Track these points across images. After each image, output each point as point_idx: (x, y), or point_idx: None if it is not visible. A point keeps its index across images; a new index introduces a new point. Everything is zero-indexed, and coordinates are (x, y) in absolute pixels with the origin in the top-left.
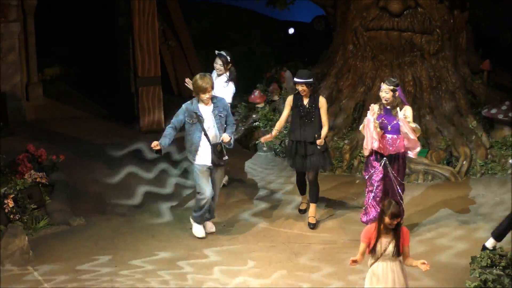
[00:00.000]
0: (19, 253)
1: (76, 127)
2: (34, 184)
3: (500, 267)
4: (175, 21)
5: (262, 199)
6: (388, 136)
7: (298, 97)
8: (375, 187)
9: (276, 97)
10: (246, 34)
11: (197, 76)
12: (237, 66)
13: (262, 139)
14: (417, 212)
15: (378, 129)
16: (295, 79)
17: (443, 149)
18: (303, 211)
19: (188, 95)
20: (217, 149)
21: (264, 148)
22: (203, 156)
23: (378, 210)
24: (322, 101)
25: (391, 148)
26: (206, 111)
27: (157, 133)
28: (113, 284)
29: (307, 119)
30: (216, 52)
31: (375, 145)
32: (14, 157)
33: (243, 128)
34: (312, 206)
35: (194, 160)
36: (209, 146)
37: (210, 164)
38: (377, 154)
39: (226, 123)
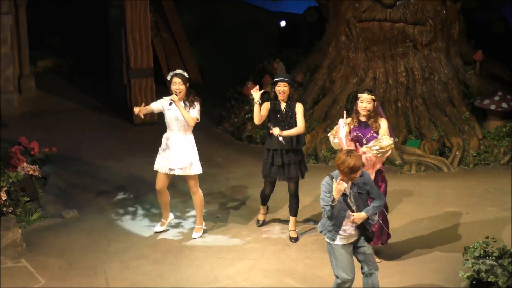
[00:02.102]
0: (12, 246)
1: (68, 119)
2: (27, 176)
3: (493, 257)
4: (168, 13)
5: (255, 190)
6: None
7: (275, 103)
8: None
9: (269, 89)
10: (238, 26)
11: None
12: (230, 58)
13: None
14: (410, 202)
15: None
16: (276, 79)
17: (436, 140)
18: (261, 223)
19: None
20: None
21: (257, 140)
22: (346, 235)
23: None
24: (299, 106)
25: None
26: (347, 188)
27: (150, 125)
28: (107, 276)
29: (285, 125)
30: (171, 73)
31: (364, 149)
32: (6, 150)
33: (236, 120)
34: (292, 219)
35: (334, 240)
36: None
37: (353, 240)
38: None
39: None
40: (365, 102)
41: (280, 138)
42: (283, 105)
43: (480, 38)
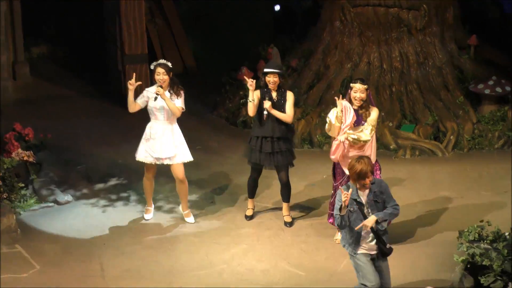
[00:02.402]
0: (7, 232)
1: (63, 106)
2: (21, 162)
3: (488, 241)
4: None
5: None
6: None
7: (265, 91)
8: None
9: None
10: (233, 11)
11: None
12: (224, 43)
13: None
14: (404, 187)
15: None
16: (266, 70)
17: (430, 124)
18: (250, 218)
19: (175, 72)
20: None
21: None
22: (367, 246)
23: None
24: (290, 95)
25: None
26: (363, 196)
27: (144, 111)
28: (101, 261)
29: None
30: (154, 63)
31: (342, 138)
32: (1, 136)
33: (230, 105)
34: (285, 205)
35: (355, 252)
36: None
37: (374, 253)
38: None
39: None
40: (358, 92)
41: (265, 112)
42: (274, 94)
43: (474, 23)
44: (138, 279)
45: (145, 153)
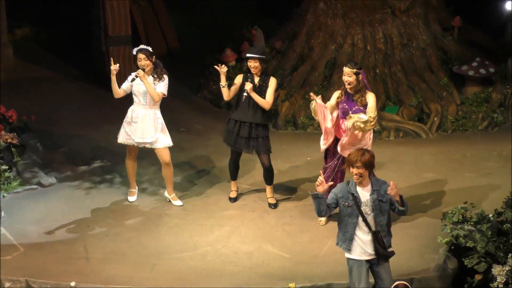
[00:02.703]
0: None
1: (47, 88)
2: (5, 145)
3: (472, 223)
4: None
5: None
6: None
7: (248, 76)
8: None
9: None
10: None
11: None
12: (208, 25)
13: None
14: (388, 168)
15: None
16: (248, 55)
17: (414, 106)
18: (234, 200)
19: (159, 54)
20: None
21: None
22: (363, 248)
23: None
24: (272, 81)
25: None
26: (364, 194)
27: (129, 93)
28: (86, 244)
29: (253, 99)
30: (135, 49)
31: (329, 124)
32: None
33: (214, 87)
34: (269, 188)
35: (349, 250)
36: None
37: (369, 257)
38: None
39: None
40: (346, 75)
41: (245, 94)
42: (256, 79)
43: (458, 4)
44: (122, 261)
45: (127, 135)
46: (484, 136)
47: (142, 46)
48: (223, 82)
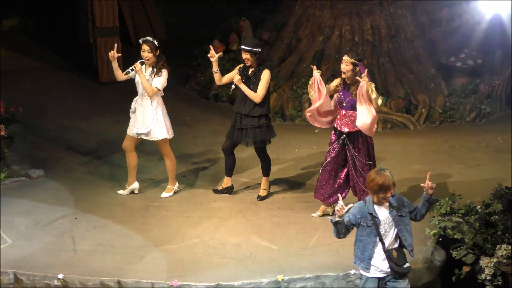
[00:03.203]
0: None
1: (34, 79)
2: None
3: (459, 214)
4: None
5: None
6: (343, 112)
7: (243, 68)
8: (323, 166)
9: (234, 47)
10: None
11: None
12: (196, 16)
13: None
14: (376, 160)
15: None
16: (241, 46)
17: (402, 97)
18: (216, 191)
19: None
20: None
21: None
22: (379, 266)
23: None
24: (265, 74)
25: (348, 124)
26: (382, 212)
27: (116, 84)
28: (73, 235)
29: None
30: (141, 40)
31: (317, 103)
32: None
33: (202, 78)
34: (264, 179)
35: (368, 271)
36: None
37: (384, 275)
38: (336, 131)
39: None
40: (343, 63)
41: (233, 86)
42: (250, 71)
43: None
44: (110, 253)
45: (130, 125)
46: (472, 128)
47: (148, 38)
48: (214, 67)
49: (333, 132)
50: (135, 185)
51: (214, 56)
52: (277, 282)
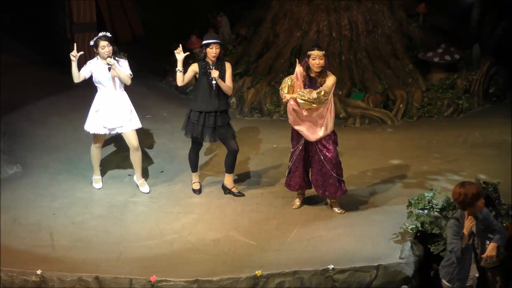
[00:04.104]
0: None
1: (11, 75)
2: None
3: (437, 209)
4: None
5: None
6: None
7: (204, 65)
8: (291, 163)
9: (197, 50)
10: None
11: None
12: (174, 11)
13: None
14: (354, 155)
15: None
16: (208, 41)
17: (380, 93)
18: (199, 191)
19: (124, 41)
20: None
21: None
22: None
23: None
24: (229, 66)
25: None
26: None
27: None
28: (51, 231)
29: (217, 86)
30: (95, 38)
31: (288, 96)
32: None
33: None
34: (230, 176)
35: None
36: None
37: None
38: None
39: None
40: (317, 58)
41: (214, 82)
42: (212, 65)
43: None
44: (88, 249)
45: (97, 124)
46: (449, 123)
47: (102, 33)
48: (179, 66)
49: (294, 131)
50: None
51: (181, 53)
52: (256, 278)
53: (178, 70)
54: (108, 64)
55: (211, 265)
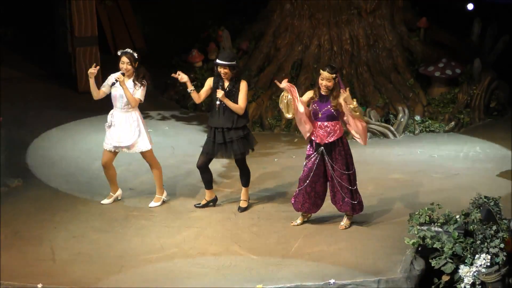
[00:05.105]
0: None
1: (13, 88)
2: None
3: (438, 224)
4: None
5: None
6: (319, 123)
7: (218, 80)
8: (302, 178)
9: (213, 57)
10: None
11: None
12: (175, 24)
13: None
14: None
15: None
16: (217, 61)
17: (381, 107)
18: (200, 205)
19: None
20: None
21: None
22: None
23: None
24: (243, 85)
25: (324, 136)
26: None
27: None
28: (52, 245)
29: (223, 104)
30: (119, 52)
31: (301, 108)
32: None
33: (181, 88)
34: (245, 190)
35: None
36: None
37: None
38: (312, 144)
39: None
40: (325, 80)
41: (218, 102)
42: (226, 83)
43: (424, 4)
44: (89, 263)
45: (107, 140)
46: (450, 137)
47: (128, 50)
48: (189, 87)
49: (309, 145)
50: (119, 192)
51: (183, 78)
52: None
53: (190, 91)
54: (116, 80)
55: (212, 280)
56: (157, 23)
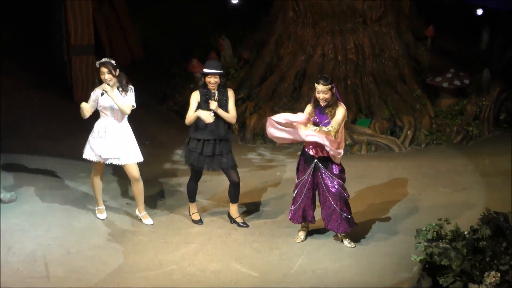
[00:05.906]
0: None
1: (7, 98)
2: None
3: (446, 240)
4: None
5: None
6: None
7: (205, 92)
8: (296, 191)
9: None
10: (183, 1)
11: None
12: (174, 33)
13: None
14: (360, 183)
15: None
16: (207, 70)
17: (387, 119)
18: (200, 221)
19: (123, 64)
20: None
21: None
22: None
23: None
24: (231, 93)
25: (320, 148)
26: None
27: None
28: (47, 262)
29: (217, 115)
30: (97, 63)
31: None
32: None
33: (180, 98)
34: (235, 206)
35: None
36: None
37: None
38: (305, 155)
39: None
40: (321, 93)
41: (212, 114)
42: (216, 93)
43: (431, 11)
44: (84, 280)
45: (92, 151)
46: (458, 150)
47: (104, 59)
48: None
49: (301, 157)
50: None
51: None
52: None
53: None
54: (103, 90)
55: None
56: (156, 32)
